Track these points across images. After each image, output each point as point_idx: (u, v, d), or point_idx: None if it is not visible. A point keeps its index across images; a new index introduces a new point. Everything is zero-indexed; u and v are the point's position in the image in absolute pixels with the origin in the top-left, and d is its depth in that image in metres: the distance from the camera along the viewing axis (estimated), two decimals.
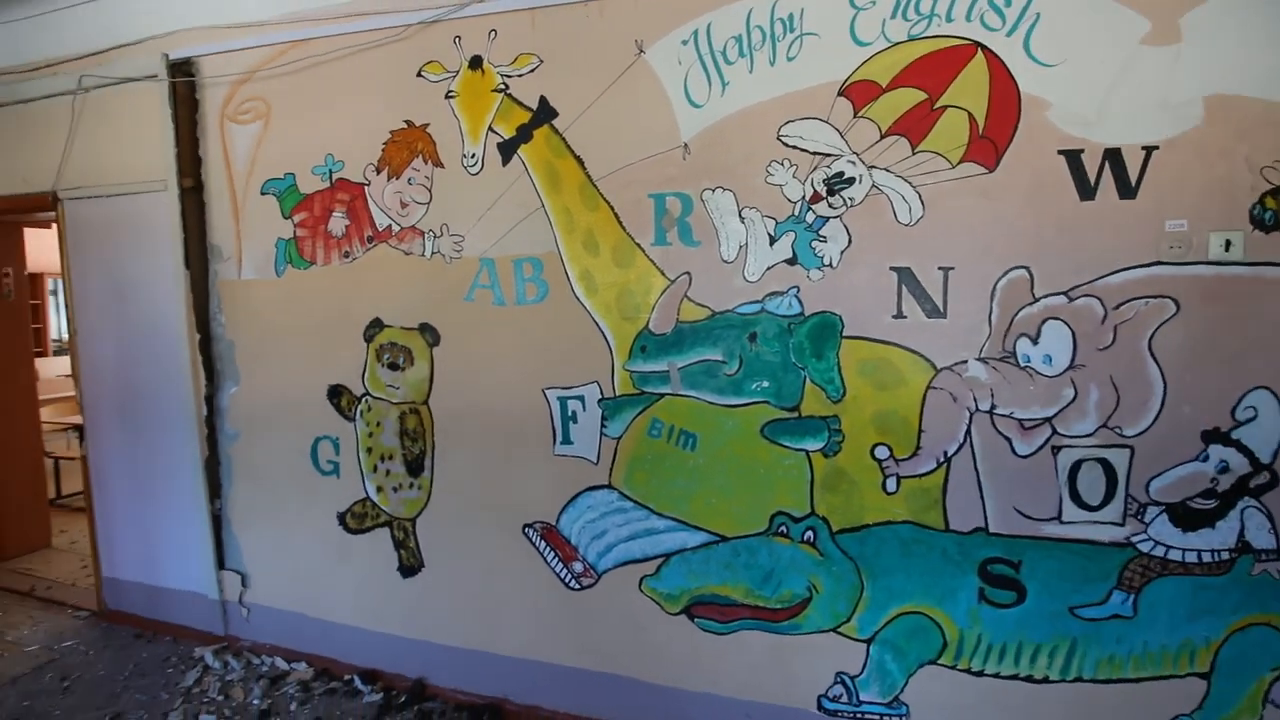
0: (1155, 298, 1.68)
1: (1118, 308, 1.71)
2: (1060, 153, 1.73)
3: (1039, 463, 1.80)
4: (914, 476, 1.90)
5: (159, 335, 2.83)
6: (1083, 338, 1.74)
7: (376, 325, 2.50)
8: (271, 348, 2.69)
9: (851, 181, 1.89)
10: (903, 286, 1.87)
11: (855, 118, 1.88)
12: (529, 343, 2.30)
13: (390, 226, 2.45)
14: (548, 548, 2.34)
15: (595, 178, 2.17)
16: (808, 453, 1.99)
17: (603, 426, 2.22)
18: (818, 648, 2.05)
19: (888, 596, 1.97)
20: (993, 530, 1.85)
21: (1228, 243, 1.63)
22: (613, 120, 2.13)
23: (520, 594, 2.40)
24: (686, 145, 2.05)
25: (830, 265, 1.93)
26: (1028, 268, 1.77)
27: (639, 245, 2.13)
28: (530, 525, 2.36)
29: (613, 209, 2.16)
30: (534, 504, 2.35)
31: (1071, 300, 1.75)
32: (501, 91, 2.26)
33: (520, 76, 2.23)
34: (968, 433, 1.84)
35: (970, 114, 1.78)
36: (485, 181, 2.31)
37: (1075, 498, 1.78)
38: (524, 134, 2.25)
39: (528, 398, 2.31)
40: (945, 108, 1.80)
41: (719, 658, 2.16)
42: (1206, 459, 1.68)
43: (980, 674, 1.90)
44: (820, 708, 2.06)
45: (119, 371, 2.99)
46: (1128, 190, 1.68)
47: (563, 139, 2.20)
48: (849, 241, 1.91)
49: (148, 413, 2.93)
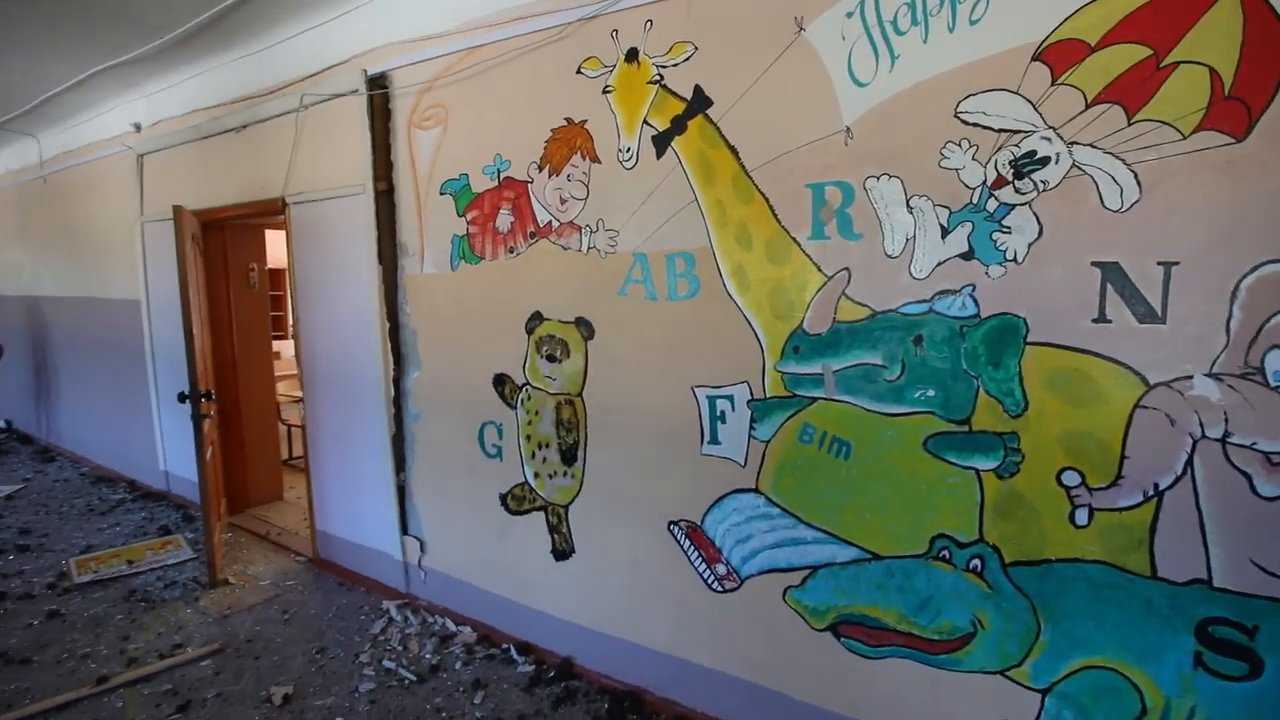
0: None
1: None
2: None
3: None
4: (1112, 510, 1.61)
5: (358, 323, 3.20)
6: None
7: (536, 318, 2.62)
8: (447, 337, 2.93)
9: (1045, 162, 1.62)
10: (1107, 285, 1.58)
11: (1054, 85, 1.60)
12: (679, 339, 2.28)
13: (550, 222, 2.55)
14: (692, 547, 2.32)
15: (750, 168, 2.08)
16: (978, 472, 1.77)
17: (751, 428, 2.15)
18: (980, 689, 1.83)
19: (1070, 644, 1.70)
20: (1218, 585, 1.52)
21: None
22: (769, 106, 2.02)
23: (664, 589, 2.41)
24: (849, 129, 1.89)
25: (1014, 260, 1.68)
26: None
27: (794, 239, 2.01)
28: (675, 523, 2.35)
29: (768, 201, 2.05)
30: (679, 502, 2.34)
31: None
32: (656, 83, 2.23)
33: (675, 66, 2.19)
34: (1188, 464, 1.52)
35: (1213, 70, 1.44)
36: (639, 176, 2.31)
37: None
38: (678, 125, 2.21)
39: (677, 395, 2.30)
40: (1177, 64, 1.47)
41: (865, 682, 2.01)
42: None
43: None
44: None
45: (329, 354, 3.44)
46: None
47: (717, 129, 2.13)
48: (1039, 232, 1.65)
49: (350, 391, 3.33)
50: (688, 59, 2.16)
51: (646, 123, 2.28)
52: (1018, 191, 1.66)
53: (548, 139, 2.52)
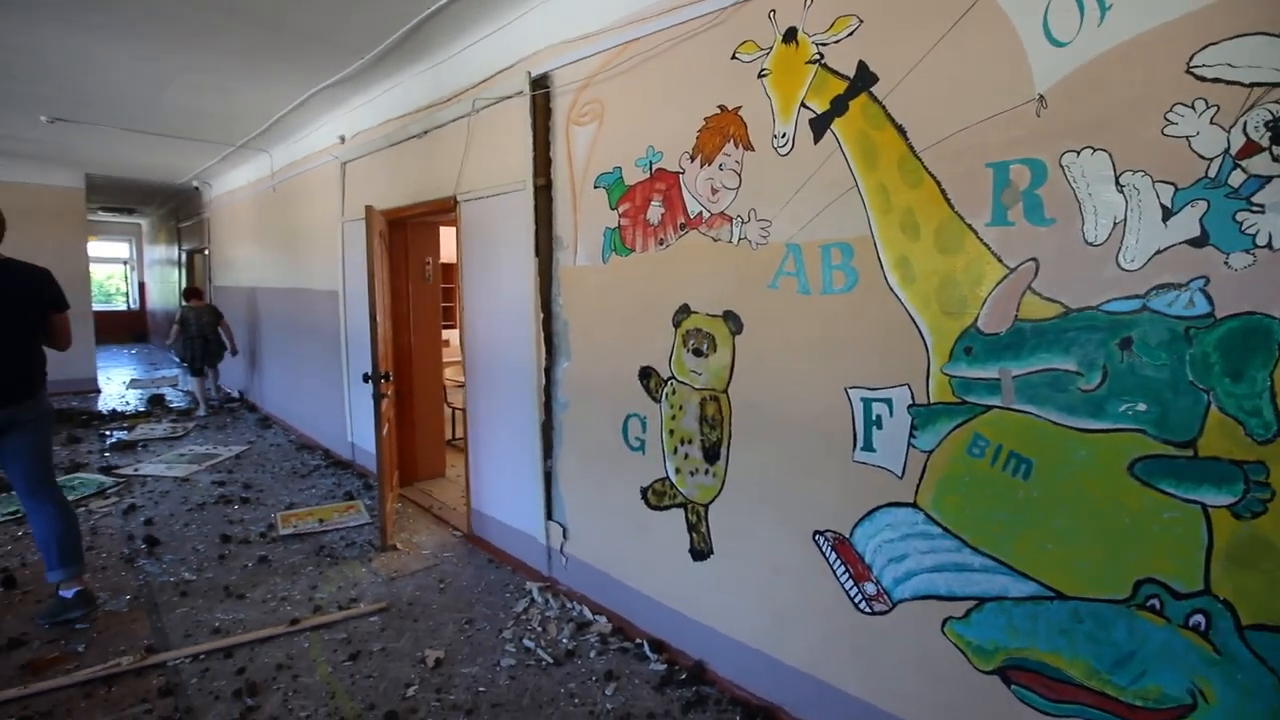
0: None
1: None
2: None
3: None
4: None
5: (515, 313, 3.35)
6: None
7: (684, 311, 2.57)
8: (596, 328, 2.97)
9: None
10: None
11: None
12: (833, 336, 2.12)
13: (701, 213, 2.48)
14: (838, 561, 2.15)
15: (919, 149, 1.87)
16: (1205, 507, 1.45)
17: (912, 437, 1.94)
18: None
19: None
20: None
21: None
22: (944, 78, 1.81)
23: (805, 603, 2.26)
24: (1041, 97, 1.63)
25: (1267, 246, 1.35)
26: None
27: (970, 226, 1.78)
28: (821, 533, 2.19)
29: (939, 184, 1.84)
30: (826, 510, 2.18)
31: None
32: (816, 62, 2.09)
33: (836, 43, 2.03)
34: None
35: None
36: (794, 162, 2.18)
37: None
38: (839, 106, 2.05)
39: (828, 395, 2.14)
40: None
41: None
42: None
43: None
44: None
45: (488, 342, 3.64)
46: None
47: (882, 107, 1.94)
48: None
49: (505, 378, 3.50)
50: (851, 34, 1.99)
51: (804, 105, 2.14)
52: (1275, 160, 1.33)
53: (700, 128, 2.46)
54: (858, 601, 2.11)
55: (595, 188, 2.89)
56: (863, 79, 1.98)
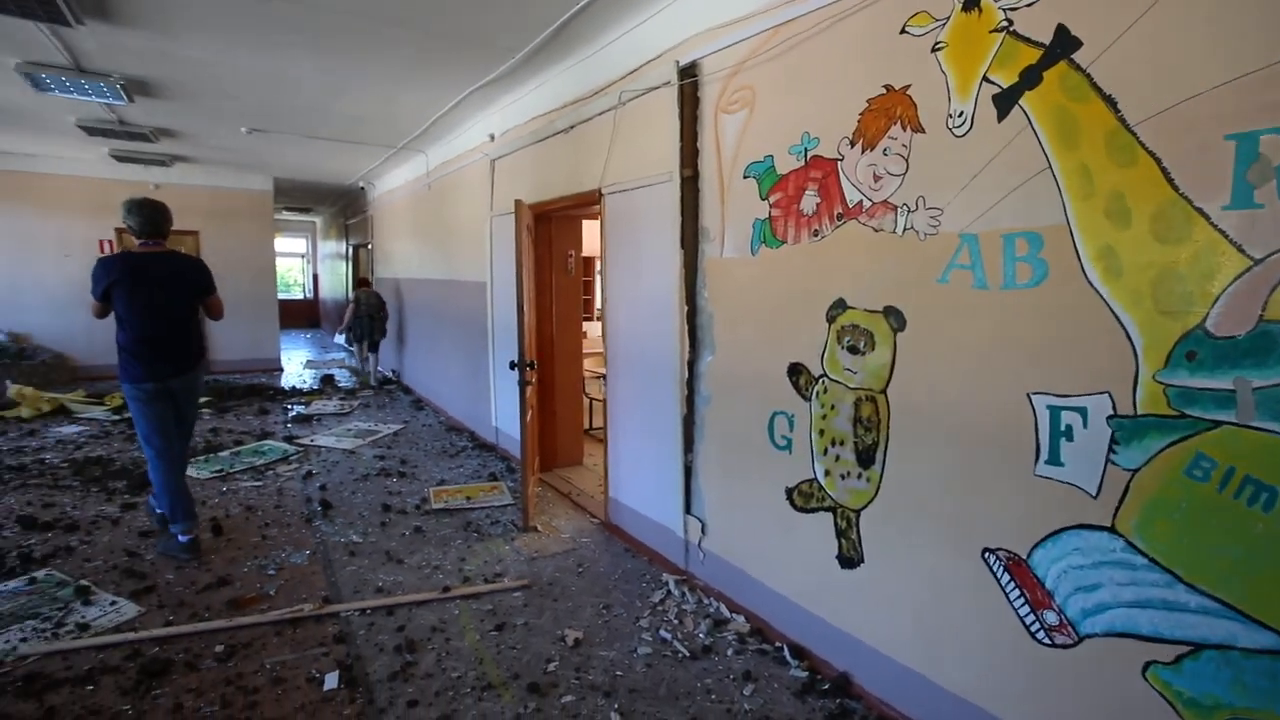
0: None
1: None
2: None
3: None
4: None
5: (658, 306, 3.35)
6: None
7: (839, 306, 2.43)
8: (742, 322, 2.90)
9: None
10: None
11: None
12: (1014, 335, 1.92)
13: (861, 202, 2.34)
14: (1013, 584, 1.95)
15: (1132, 123, 1.63)
16: None
17: (1112, 452, 1.71)
18: None
19: None
20: None
21: None
22: (1169, 36, 1.56)
23: (968, 624, 2.07)
24: None
25: None
26: None
27: (1200, 210, 1.53)
28: (992, 551, 2.00)
29: (1159, 162, 1.59)
30: (999, 527, 1.98)
31: None
32: (1003, 30, 1.88)
33: (1029, 6, 1.82)
34: None
35: None
36: (973, 144, 1.98)
37: None
38: (1030, 78, 1.83)
39: (1006, 400, 1.94)
40: None
41: None
42: None
43: None
44: None
45: (630, 334, 3.67)
46: None
47: (1086, 76, 1.71)
48: None
49: (647, 370, 3.52)
50: None
51: (986, 80, 1.94)
52: None
53: (862, 111, 2.31)
54: (1034, 630, 1.91)
55: (745, 177, 2.81)
56: (1062, 45, 1.76)
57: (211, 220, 9.43)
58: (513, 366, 3.88)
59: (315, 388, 8.55)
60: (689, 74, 3.05)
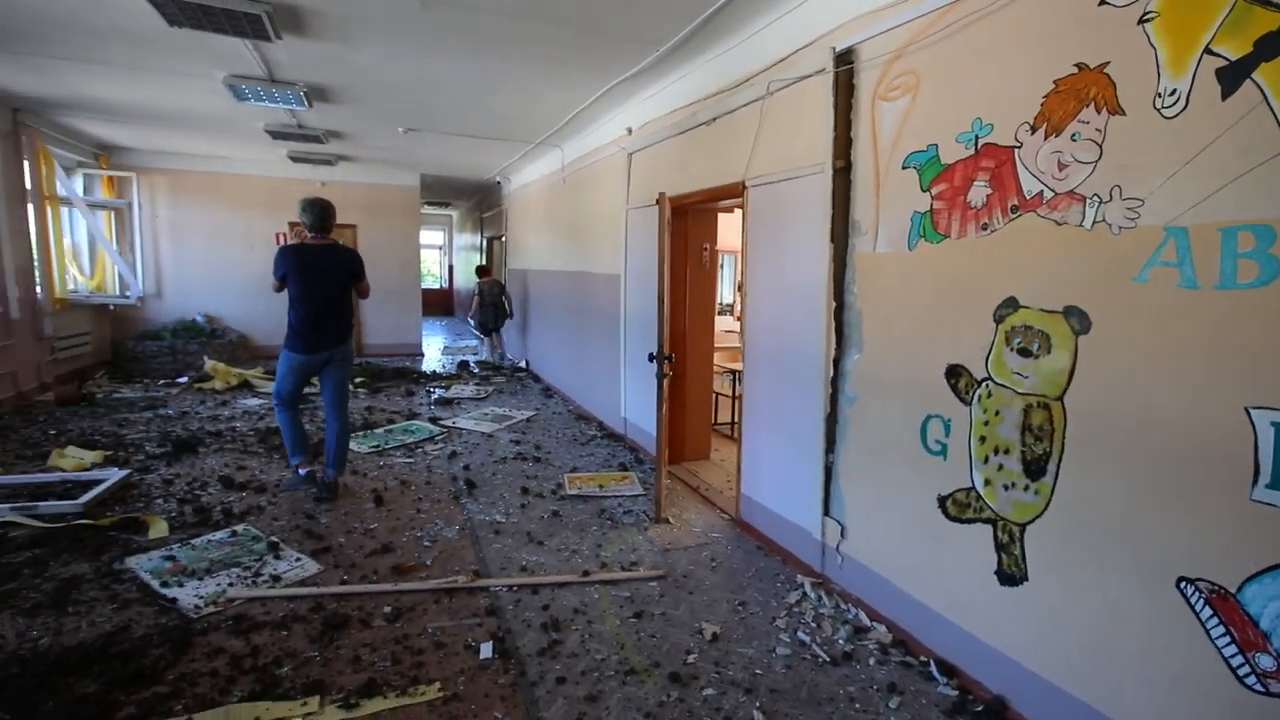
0: None
1: None
2: None
3: None
4: None
5: (803, 300, 3.28)
6: None
7: (1010, 305, 2.27)
8: (895, 319, 2.78)
9: None
10: None
11: None
12: (1232, 341, 1.70)
13: (1041, 193, 2.16)
14: (1216, 620, 1.75)
15: None
16: None
17: None
18: None
19: None
20: None
21: None
22: None
23: (1155, 659, 1.88)
24: None
25: None
26: None
27: None
28: (1191, 581, 1.80)
29: None
30: (1201, 556, 1.78)
31: None
32: None
33: None
34: None
35: None
36: (1187, 126, 1.78)
37: None
38: (1269, 47, 1.61)
39: (1217, 415, 1.73)
40: None
41: None
42: None
43: None
44: None
45: (771, 329, 3.62)
46: None
47: None
48: None
49: (787, 366, 3.46)
50: None
51: (1209, 52, 1.72)
52: None
53: (1047, 93, 2.13)
54: (1243, 674, 1.70)
55: (904, 168, 2.68)
56: None
57: (367, 214, 10.28)
58: (651, 359, 3.95)
59: (453, 373, 9.13)
60: (845, 60, 2.94)
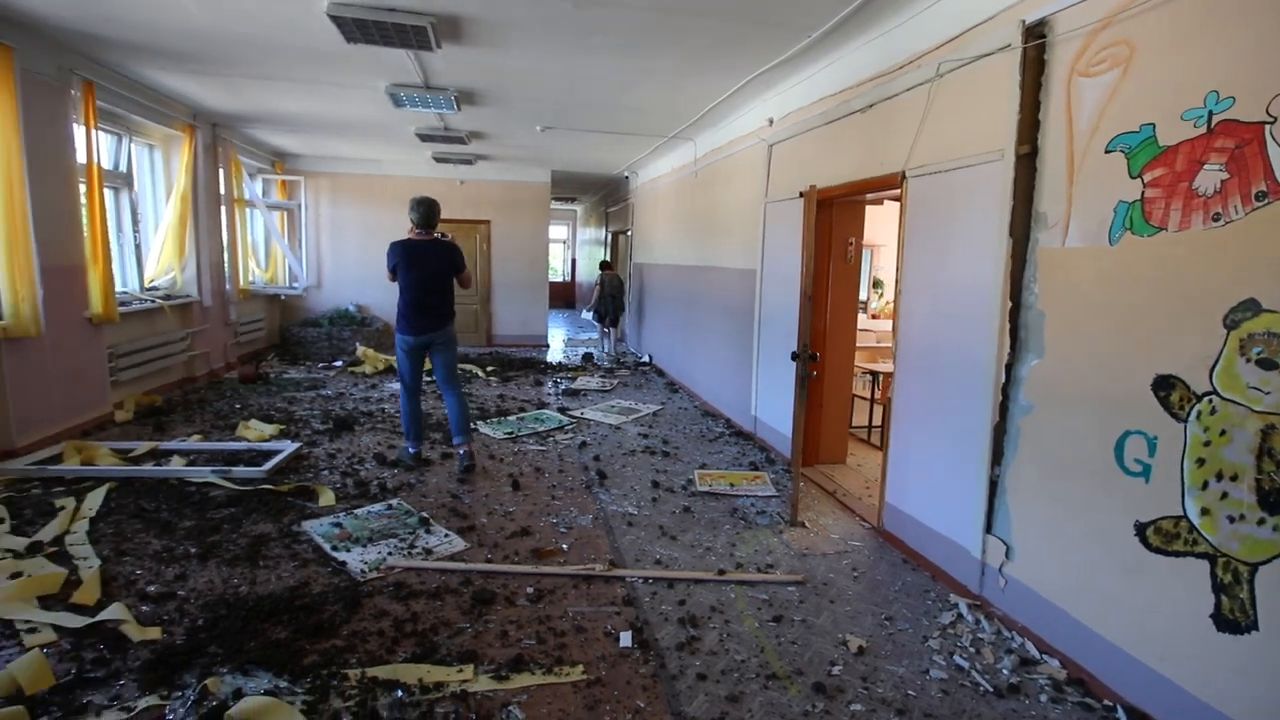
0: None
1: None
2: None
3: None
4: None
5: (969, 299, 3.03)
6: None
7: (1248, 309, 1.95)
8: (1087, 322, 2.49)
9: None
10: None
11: None
12: None
13: None
14: None
15: None
16: None
17: None
18: None
19: None
20: None
21: None
22: None
23: None
24: None
25: None
26: None
27: None
28: None
29: None
30: None
31: None
32: None
33: None
34: None
35: None
36: None
37: None
38: None
39: None
40: None
41: None
42: None
43: None
44: None
45: (929, 329, 3.38)
46: None
47: None
48: None
49: (946, 370, 3.22)
50: None
51: None
52: None
53: None
54: None
55: (1108, 152, 2.39)
56: None
57: (500, 210, 10.74)
58: (794, 358, 3.81)
59: (579, 365, 9.36)
60: (1036, 34, 2.67)
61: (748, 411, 5.73)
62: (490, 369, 8.66)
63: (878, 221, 6.91)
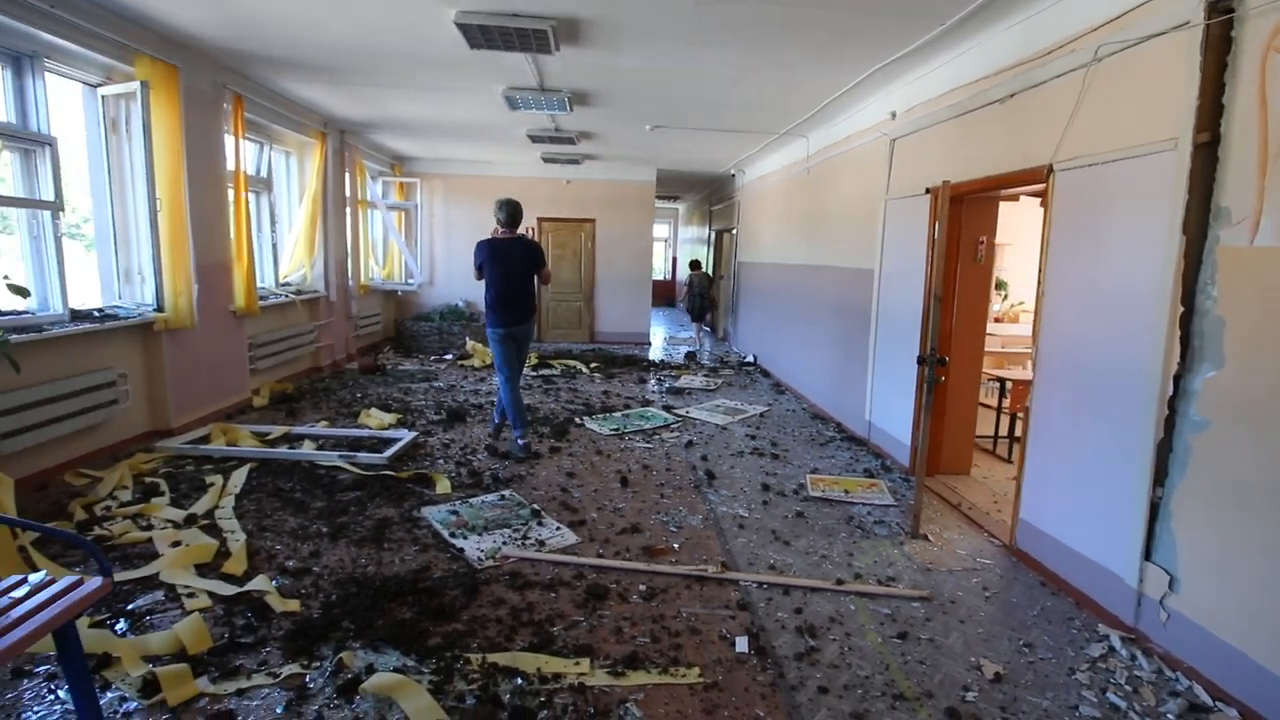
0: None
1: None
2: None
3: None
4: None
5: (1127, 303, 2.76)
6: None
7: None
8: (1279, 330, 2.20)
9: None
10: None
11: None
12: None
13: None
14: None
15: None
16: None
17: None
18: None
19: None
20: None
21: None
22: None
23: None
24: None
25: None
26: None
27: None
28: None
29: None
30: None
31: None
32: None
33: None
34: None
35: None
36: None
37: None
38: None
39: None
40: None
41: None
42: None
43: None
44: None
45: (1076, 334, 3.10)
46: None
47: None
48: None
49: (1098, 379, 2.95)
50: None
51: None
52: None
53: None
54: None
55: None
56: None
57: (605, 209, 10.90)
58: (921, 362, 3.62)
59: (682, 363, 9.35)
60: (1223, 9, 2.39)
61: (861, 416, 5.51)
62: (594, 365, 8.81)
63: (1003, 219, 6.45)
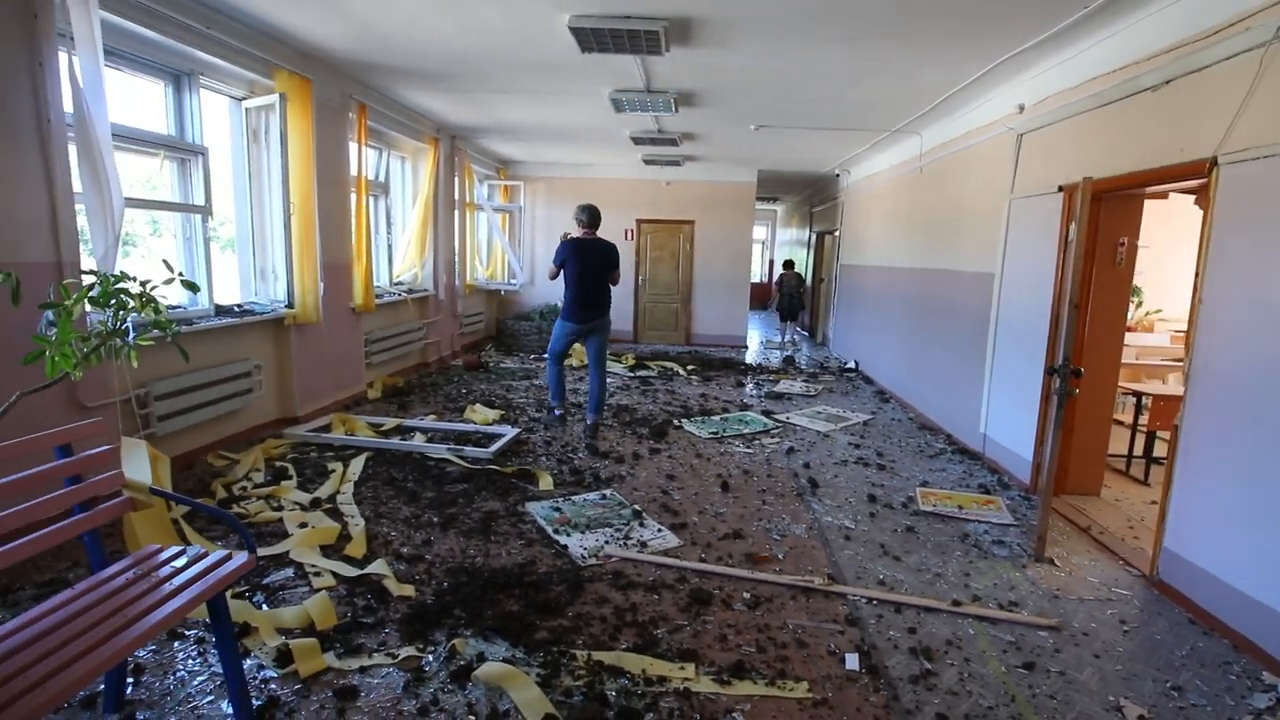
0: None
1: None
2: None
3: None
4: None
5: None
6: None
7: None
8: None
9: None
10: None
11: None
12: None
13: None
14: None
15: None
16: None
17: None
18: None
19: None
20: None
21: None
22: None
23: None
24: None
25: None
26: None
27: None
28: None
29: None
30: None
31: None
32: None
33: None
34: None
35: None
36: None
37: None
38: None
39: None
40: None
41: None
42: None
43: None
44: None
45: (1245, 346, 2.78)
46: None
47: None
48: None
49: (1272, 398, 2.63)
50: None
51: None
52: None
53: None
54: None
55: None
56: None
57: (704, 210, 10.86)
58: (1051, 373, 3.37)
59: (780, 367, 9.17)
60: None
61: (975, 428, 5.19)
62: (690, 368, 8.79)
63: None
